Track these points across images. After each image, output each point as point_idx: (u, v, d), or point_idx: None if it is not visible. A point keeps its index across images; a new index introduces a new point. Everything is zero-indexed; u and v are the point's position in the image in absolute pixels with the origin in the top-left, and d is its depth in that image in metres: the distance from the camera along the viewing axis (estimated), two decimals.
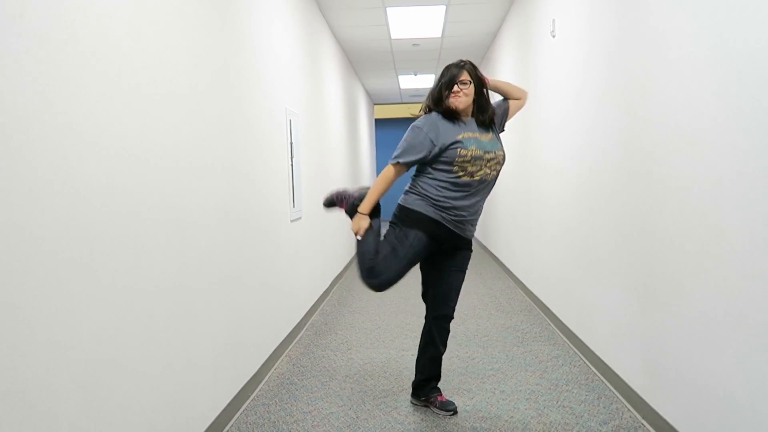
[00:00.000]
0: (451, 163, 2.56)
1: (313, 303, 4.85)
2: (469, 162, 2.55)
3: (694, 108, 2.09)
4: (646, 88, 2.51)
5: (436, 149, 2.56)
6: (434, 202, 2.60)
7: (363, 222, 2.71)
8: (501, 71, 6.71)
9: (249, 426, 2.72)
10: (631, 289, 2.74)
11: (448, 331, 2.84)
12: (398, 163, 2.62)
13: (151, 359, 2.03)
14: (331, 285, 5.82)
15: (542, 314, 4.62)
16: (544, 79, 4.50)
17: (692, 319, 2.15)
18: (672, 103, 2.26)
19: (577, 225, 3.65)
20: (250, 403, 2.99)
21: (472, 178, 2.58)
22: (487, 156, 2.59)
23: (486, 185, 2.64)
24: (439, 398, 2.83)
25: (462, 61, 2.65)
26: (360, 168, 9.37)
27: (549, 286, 4.47)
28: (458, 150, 2.54)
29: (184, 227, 2.32)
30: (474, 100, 2.64)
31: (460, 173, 2.57)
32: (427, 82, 10.22)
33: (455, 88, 2.59)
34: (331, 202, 2.87)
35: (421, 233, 2.64)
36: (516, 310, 4.79)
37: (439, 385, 2.90)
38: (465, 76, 2.60)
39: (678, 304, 2.26)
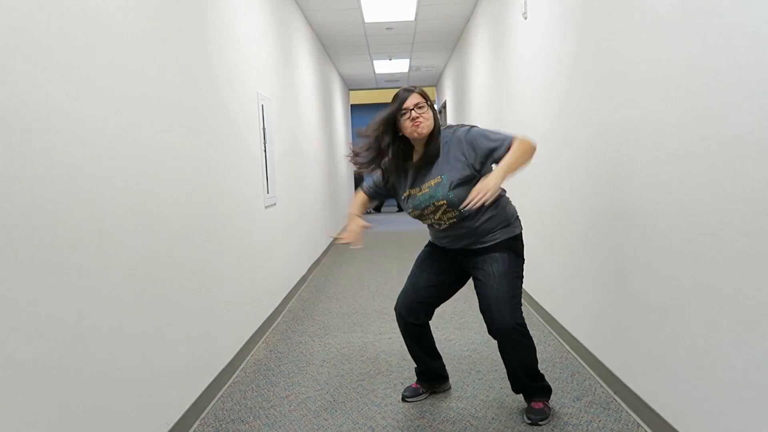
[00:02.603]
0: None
1: (290, 289, 4.83)
2: (419, 217, 2.40)
3: (661, 85, 2.11)
4: (616, 67, 2.52)
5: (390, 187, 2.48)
6: None
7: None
8: (475, 55, 6.70)
9: (225, 413, 2.71)
10: (603, 269, 2.77)
11: (516, 341, 2.34)
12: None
13: (120, 346, 2.01)
14: (308, 271, 5.80)
15: None
16: (517, 62, 4.50)
17: (661, 296, 2.19)
18: (640, 80, 2.28)
19: (550, 207, 3.68)
20: (226, 390, 2.97)
21: (432, 222, 2.40)
22: (429, 210, 2.32)
23: (456, 224, 2.33)
24: (534, 405, 2.46)
25: (410, 86, 2.34)
26: (335, 153, 9.32)
27: (525, 268, 4.49)
28: (406, 204, 2.41)
29: (152, 214, 2.29)
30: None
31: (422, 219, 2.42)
32: (401, 67, 10.17)
33: (413, 113, 2.24)
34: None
35: (428, 246, 2.61)
36: None
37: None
38: (419, 98, 2.27)
39: (648, 282, 2.29)
